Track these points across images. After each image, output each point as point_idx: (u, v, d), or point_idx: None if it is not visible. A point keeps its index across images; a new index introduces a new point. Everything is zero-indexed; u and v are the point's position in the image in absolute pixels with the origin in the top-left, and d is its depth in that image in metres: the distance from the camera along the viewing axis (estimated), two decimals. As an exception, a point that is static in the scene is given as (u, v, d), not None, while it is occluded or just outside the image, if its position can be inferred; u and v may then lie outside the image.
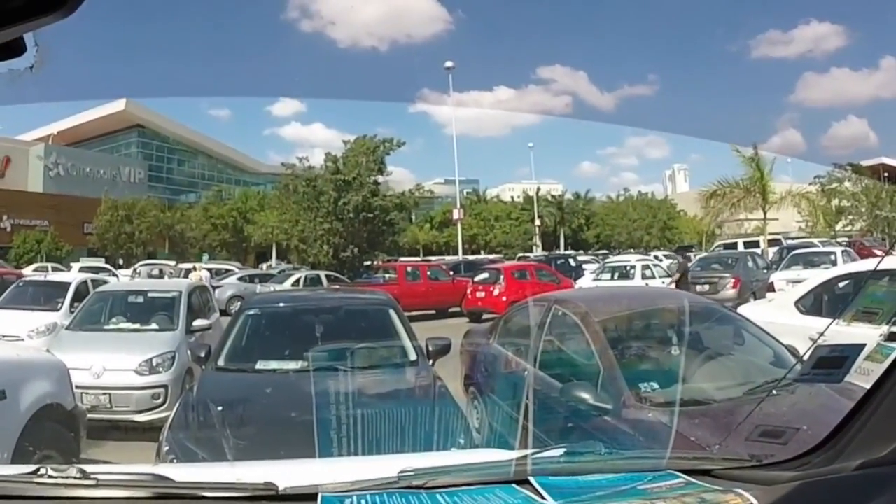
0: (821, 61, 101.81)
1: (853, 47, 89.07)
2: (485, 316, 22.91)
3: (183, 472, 2.75)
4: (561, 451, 2.72)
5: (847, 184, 58.22)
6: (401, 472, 2.41)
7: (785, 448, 2.61)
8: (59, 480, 2.34)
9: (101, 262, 44.52)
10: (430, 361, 7.71)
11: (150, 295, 12.78)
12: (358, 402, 6.03)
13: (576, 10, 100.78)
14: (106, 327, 11.80)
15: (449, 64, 55.69)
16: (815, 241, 39.50)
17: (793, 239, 47.22)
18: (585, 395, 6.00)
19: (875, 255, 22.68)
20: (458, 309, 26.98)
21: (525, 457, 2.63)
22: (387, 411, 5.66)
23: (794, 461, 2.33)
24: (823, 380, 2.79)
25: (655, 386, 6.02)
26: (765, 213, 43.69)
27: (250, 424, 6.09)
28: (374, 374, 7.23)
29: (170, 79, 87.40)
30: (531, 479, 2.41)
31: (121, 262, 52.00)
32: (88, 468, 2.43)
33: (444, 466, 2.55)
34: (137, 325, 11.69)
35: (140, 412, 9.78)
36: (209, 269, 39.31)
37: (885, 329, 2.40)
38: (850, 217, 58.46)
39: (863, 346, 2.53)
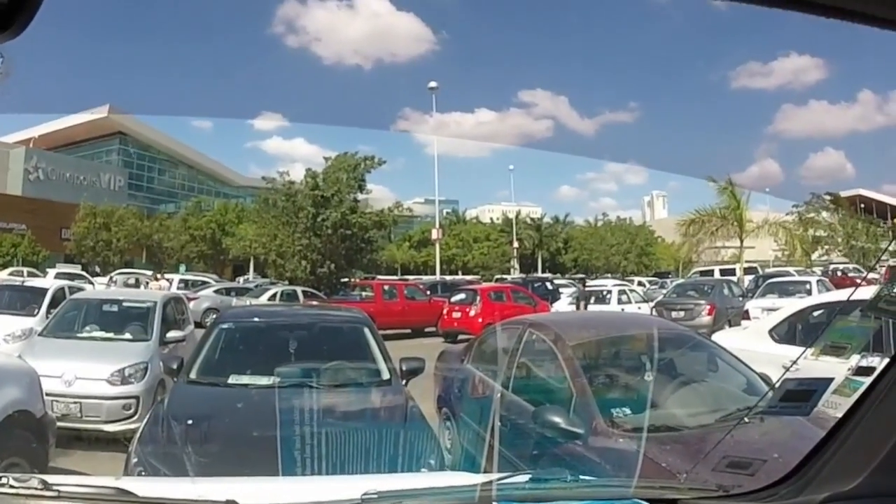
0: (800, 93, 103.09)
1: (832, 80, 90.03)
2: (460, 336, 22.87)
3: (146, 487, 2.72)
4: (526, 478, 2.70)
5: (824, 214, 58.85)
6: (364, 494, 2.39)
7: (753, 479, 2.60)
8: (21, 490, 2.30)
9: (77, 269, 44.20)
10: (403, 381, 7.68)
11: (124, 304, 12.67)
12: (327, 420, 6.00)
13: (557, 36, 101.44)
14: (79, 335, 11.69)
15: (433, 84, 55.61)
16: (790, 269, 39.72)
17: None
18: (557, 420, 5.99)
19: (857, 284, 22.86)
20: (433, 329, 26.93)
21: (490, 482, 2.61)
22: (356, 431, 5.64)
23: (762, 492, 2.33)
24: (791, 412, 2.79)
25: (627, 411, 6.04)
26: (741, 241, 43.99)
27: (218, 440, 6.04)
28: (346, 392, 7.21)
29: (155, 93, 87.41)
30: None
31: (97, 269, 51.66)
32: (51, 479, 2.40)
33: (408, 490, 2.53)
34: (111, 334, 11.56)
35: (110, 422, 9.67)
36: (185, 281, 39.14)
37: (853, 363, 2.42)
38: (827, 247, 59.04)
39: (831, 379, 2.54)
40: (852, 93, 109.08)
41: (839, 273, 40.86)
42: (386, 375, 7.69)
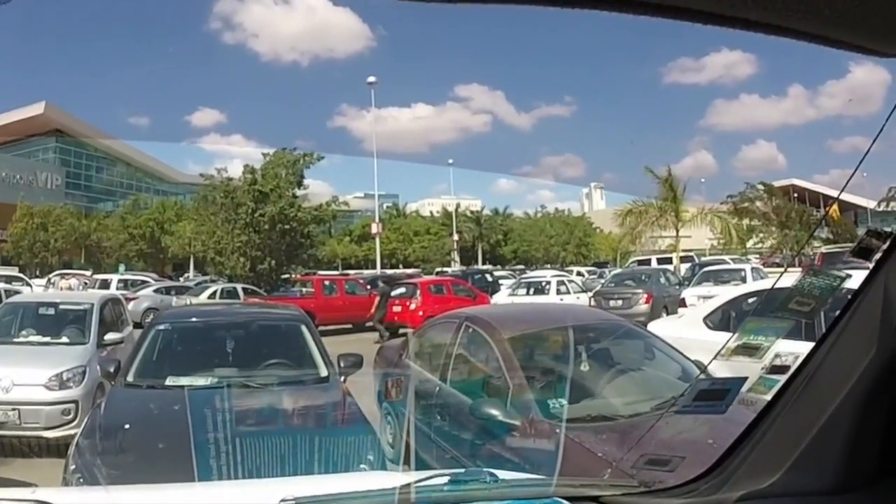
0: (731, 88, 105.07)
1: (762, 75, 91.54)
2: (401, 330, 22.91)
3: (65, 497, 2.67)
4: (446, 479, 2.69)
5: (758, 203, 59.94)
6: (282, 500, 2.37)
7: (674, 474, 2.63)
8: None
9: (14, 271, 43.28)
10: (342, 378, 7.67)
11: (61, 307, 12.37)
12: (263, 421, 5.98)
13: (492, 31, 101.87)
14: (15, 340, 11.37)
15: (371, 79, 55.30)
16: (726, 258, 40.32)
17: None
18: (494, 412, 6.04)
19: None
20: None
21: (409, 485, 2.60)
22: (292, 430, 5.62)
23: (682, 487, 2.35)
24: (706, 411, 2.83)
25: (564, 402, 6.08)
26: (677, 230, 44.61)
27: (155, 444, 5.95)
28: (283, 391, 7.18)
29: (90, 91, 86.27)
30: None
31: (38, 272, 50.77)
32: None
33: (328, 495, 2.51)
34: (48, 338, 11.30)
35: (50, 428, 9.44)
36: (125, 280, 38.51)
37: (767, 362, 2.45)
38: (761, 235, 60.16)
39: (745, 378, 2.59)
40: (783, 87, 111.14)
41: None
42: (324, 372, 7.69)
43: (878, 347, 1.84)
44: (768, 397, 2.25)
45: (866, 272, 1.91)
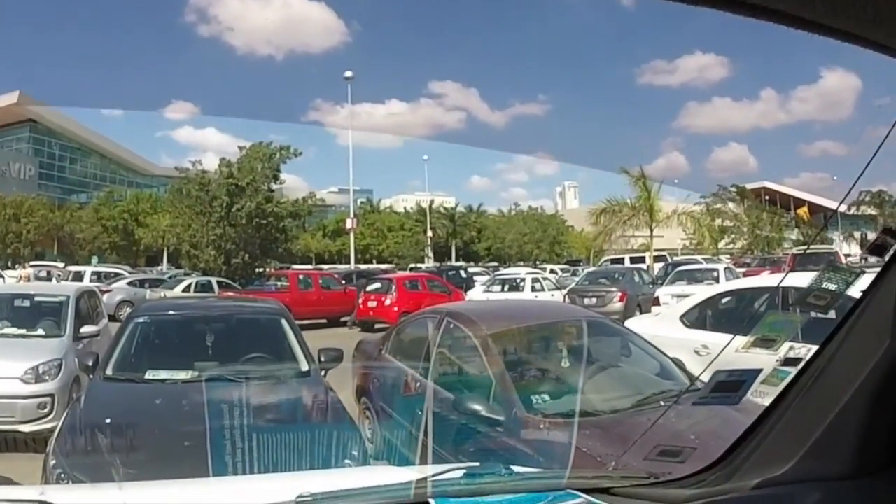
0: (704, 90, 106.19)
1: (735, 78, 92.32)
2: (377, 325, 22.94)
3: (70, 496, 2.64)
4: (461, 473, 2.67)
5: (731, 205, 60.59)
6: (299, 496, 2.34)
7: (683, 465, 2.64)
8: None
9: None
10: (322, 372, 7.65)
11: (36, 299, 12.18)
12: (247, 415, 5.93)
13: (466, 28, 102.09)
14: (-10, 333, 11.28)
15: (348, 74, 54.99)
16: (698, 257, 40.57)
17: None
18: (478, 407, 6.03)
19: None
20: (349, 318, 26.87)
21: (425, 479, 2.59)
22: (277, 425, 5.61)
23: (691, 478, 2.36)
24: (721, 402, 2.86)
25: (547, 398, 6.11)
26: (651, 230, 44.82)
27: (138, 439, 5.90)
28: (265, 385, 7.14)
29: (64, 82, 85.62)
30: (431, 501, 2.38)
31: (10, 263, 50.32)
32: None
33: (343, 490, 2.49)
34: (23, 331, 11.07)
35: (26, 422, 9.27)
36: (98, 273, 38.24)
37: (781, 355, 2.49)
38: (733, 236, 60.75)
39: (759, 370, 2.61)
40: (755, 91, 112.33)
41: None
42: (304, 367, 7.66)
43: (892, 339, 1.88)
44: (780, 388, 2.28)
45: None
